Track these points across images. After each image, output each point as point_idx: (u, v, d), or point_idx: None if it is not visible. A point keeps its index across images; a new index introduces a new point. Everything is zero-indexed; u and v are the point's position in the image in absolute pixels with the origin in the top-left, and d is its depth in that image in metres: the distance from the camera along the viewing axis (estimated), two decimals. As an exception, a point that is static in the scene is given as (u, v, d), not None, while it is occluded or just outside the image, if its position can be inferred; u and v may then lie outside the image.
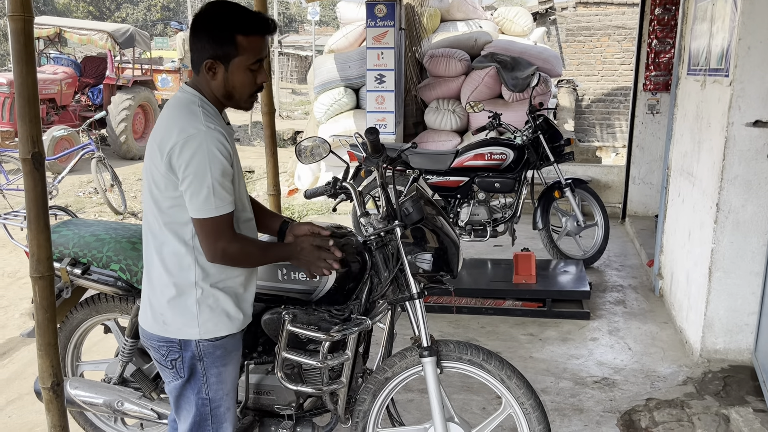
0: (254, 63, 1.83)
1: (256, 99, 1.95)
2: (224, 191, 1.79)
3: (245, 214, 2.01)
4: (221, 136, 1.78)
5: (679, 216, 4.33)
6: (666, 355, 3.81)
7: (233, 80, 1.84)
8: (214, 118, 1.84)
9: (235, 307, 1.99)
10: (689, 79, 4.25)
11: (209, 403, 2.00)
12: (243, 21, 1.80)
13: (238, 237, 1.89)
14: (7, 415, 3.42)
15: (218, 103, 1.91)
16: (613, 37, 12.81)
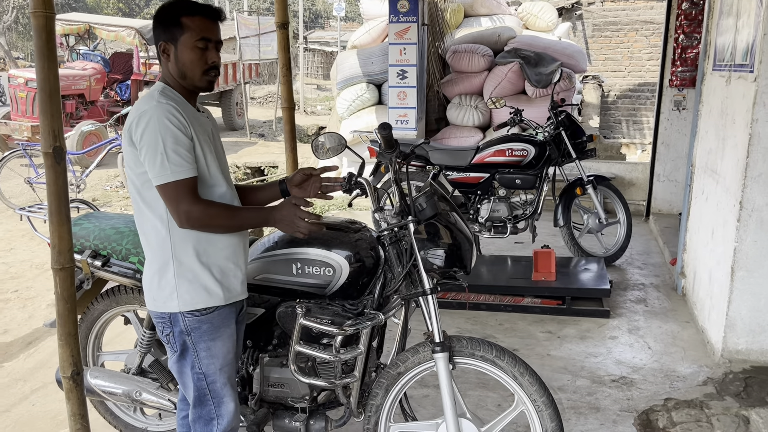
0: (199, 40, 1.98)
1: (213, 79, 2.06)
2: (179, 157, 1.91)
3: (218, 188, 2.07)
4: (173, 109, 1.92)
5: (703, 214, 4.26)
6: (686, 354, 3.76)
7: (182, 57, 1.99)
8: (172, 100, 1.97)
9: (214, 281, 2.06)
10: (714, 75, 4.17)
11: (204, 377, 2.10)
12: (187, 5, 2.00)
13: (200, 200, 1.97)
14: (31, 403, 3.50)
15: (182, 89, 2.05)
16: (640, 32, 12.62)
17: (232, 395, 2.17)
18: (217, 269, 2.07)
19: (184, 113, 1.97)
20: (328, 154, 2.52)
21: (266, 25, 15.14)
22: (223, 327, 2.11)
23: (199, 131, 2.01)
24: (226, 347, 2.13)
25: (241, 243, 2.15)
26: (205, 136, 2.05)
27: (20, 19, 34.31)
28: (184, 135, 1.92)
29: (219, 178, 2.07)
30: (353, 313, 2.36)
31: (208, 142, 2.06)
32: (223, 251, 2.07)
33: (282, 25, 3.98)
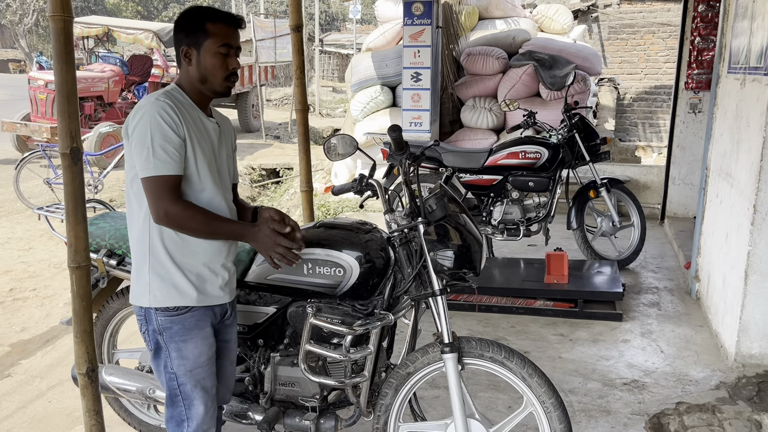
0: (222, 46, 2.03)
1: (233, 85, 2.11)
2: (164, 153, 1.94)
3: (205, 194, 2.07)
4: (167, 107, 1.95)
5: (717, 217, 4.23)
6: (699, 358, 3.74)
7: (205, 62, 2.03)
8: (174, 99, 2.01)
9: (187, 282, 2.06)
10: (729, 78, 4.15)
11: (175, 378, 2.11)
12: (211, 12, 2.06)
13: (182, 200, 1.99)
14: (48, 399, 3.56)
15: (198, 93, 2.09)
16: (657, 35, 12.54)
17: (203, 399, 2.14)
18: (191, 271, 2.08)
19: (184, 114, 2.00)
20: (339, 156, 2.55)
21: (282, 28, 15.25)
22: (196, 329, 2.10)
23: (197, 135, 2.04)
24: (198, 350, 2.11)
25: (222, 249, 2.14)
26: (206, 142, 2.08)
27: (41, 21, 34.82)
28: (175, 133, 1.95)
29: (208, 185, 2.07)
30: (363, 313, 2.38)
31: (208, 147, 2.08)
32: (199, 256, 2.08)
33: (296, 28, 4.02)
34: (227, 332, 2.28)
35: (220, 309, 2.19)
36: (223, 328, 2.25)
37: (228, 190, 2.21)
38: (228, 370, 2.35)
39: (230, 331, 2.30)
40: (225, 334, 2.28)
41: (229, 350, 2.32)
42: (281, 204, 9.25)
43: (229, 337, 2.30)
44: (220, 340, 2.26)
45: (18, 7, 33.82)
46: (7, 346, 4.38)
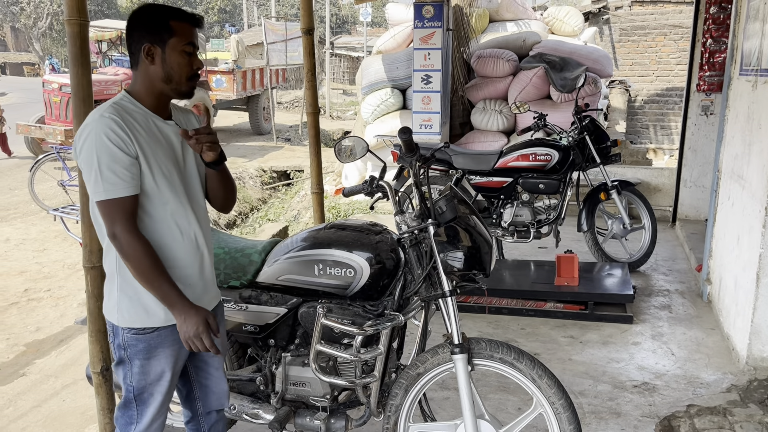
0: (187, 44, 1.96)
1: (195, 86, 2.03)
2: (113, 175, 1.84)
3: (168, 206, 1.96)
4: (114, 124, 1.84)
5: (729, 220, 4.22)
6: (711, 361, 3.73)
7: (170, 61, 1.94)
8: (123, 112, 1.89)
9: (155, 302, 1.96)
10: (741, 80, 4.14)
11: (133, 390, 2.04)
12: (173, 10, 1.98)
13: (133, 231, 1.88)
14: (62, 398, 3.61)
15: (157, 96, 1.98)
16: (669, 37, 12.48)
17: (155, 409, 2.07)
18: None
19: (134, 127, 1.89)
20: (350, 158, 2.57)
21: (293, 31, 15.31)
22: (161, 348, 2.01)
23: (152, 145, 1.93)
24: (161, 368, 2.03)
25: (194, 262, 2.05)
26: (164, 150, 1.97)
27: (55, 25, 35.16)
28: (123, 152, 1.84)
29: (171, 197, 1.96)
30: (373, 314, 2.40)
31: (168, 155, 1.98)
32: (174, 271, 1.98)
33: (307, 30, 4.05)
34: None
35: None
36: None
37: (197, 190, 2.09)
38: (214, 376, 2.25)
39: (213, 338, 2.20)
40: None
41: (214, 357, 2.22)
42: (292, 206, 9.29)
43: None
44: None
45: (32, 11, 34.18)
46: (22, 345, 4.44)
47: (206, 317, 1.95)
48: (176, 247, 2.00)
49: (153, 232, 1.96)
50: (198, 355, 2.18)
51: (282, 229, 6.81)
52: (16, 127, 10.52)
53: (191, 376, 2.25)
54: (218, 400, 2.31)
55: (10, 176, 10.42)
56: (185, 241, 2.01)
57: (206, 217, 2.14)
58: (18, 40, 43.71)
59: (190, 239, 2.02)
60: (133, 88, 1.99)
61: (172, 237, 1.99)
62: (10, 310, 5.09)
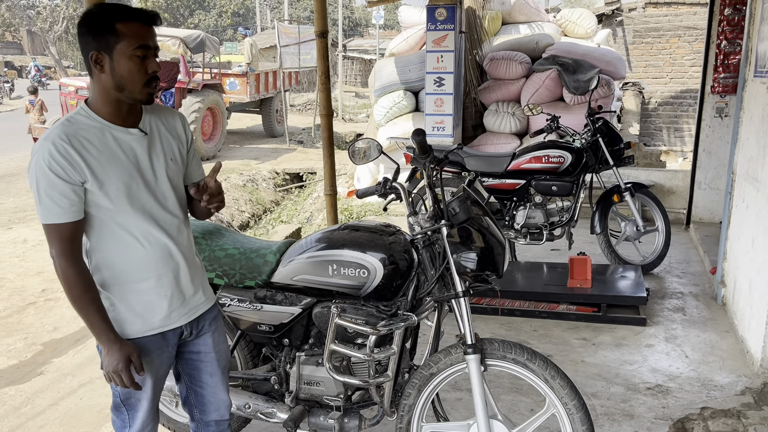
0: (137, 48, 1.81)
1: (154, 90, 1.90)
2: (51, 201, 1.79)
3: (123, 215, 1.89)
4: (54, 150, 1.77)
5: (743, 222, 4.20)
6: (725, 364, 3.71)
7: (119, 68, 1.81)
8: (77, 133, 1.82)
9: (132, 313, 1.95)
10: (756, 82, 4.12)
11: (118, 395, 2.03)
12: (120, 10, 1.83)
13: (70, 257, 1.83)
14: (79, 397, 3.66)
15: (114, 104, 1.88)
16: (683, 38, 12.42)
17: (148, 409, 2.05)
18: (137, 301, 1.96)
19: (84, 147, 1.81)
20: (364, 160, 2.59)
21: (306, 34, 15.38)
22: (143, 356, 1.95)
23: (103, 163, 1.83)
24: (142, 377, 1.97)
25: (166, 273, 1.98)
26: (121, 163, 1.87)
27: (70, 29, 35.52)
28: (61, 179, 1.77)
29: (126, 207, 1.88)
30: (387, 314, 2.42)
31: (126, 167, 1.88)
32: (145, 283, 1.95)
33: (321, 34, 4.09)
34: (196, 345, 2.14)
35: (173, 332, 2.04)
36: (187, 344, 2.13)
37: (168, 199, 1.99)
38: (209, 384, 2.20)
39: (200, 344, 2.14)
40: (194, 347, 2.14)
41: (204, 362, 2.16)
42: (305, 207, 9.34)
43: (199, 349, 2.15)
44: (189, 354, 2.15)
45: (48, 14, 34.56)
46: (40, 345, 4.50)
47: (129, 354, 1.88)
48: (142, 258, 1.93)
49: (114, 246, 1.91)
50: (189, 362, 2.16)
51: (295, 231, 6.85)
52: (32, 130, 10.65)
53: (187, 383, 2.22)
54: (216, 411, 2.25)
55: (27, 178, 10.54)
56: (153, 252, 1.94)
57: (182, 227, 2.04)
58: (34, 44, 44.22)
59: (159, 250, 1.95)
60: (91, 99, 1.90)
61: (135, 249, 1.92)
62: (27, 309, 5.16)
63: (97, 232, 1.90)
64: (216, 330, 2.19)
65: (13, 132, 15.43)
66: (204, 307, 2.13)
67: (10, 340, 4.59)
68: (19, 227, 7.66)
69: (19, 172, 10.96)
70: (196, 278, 2.09)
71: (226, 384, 2.26)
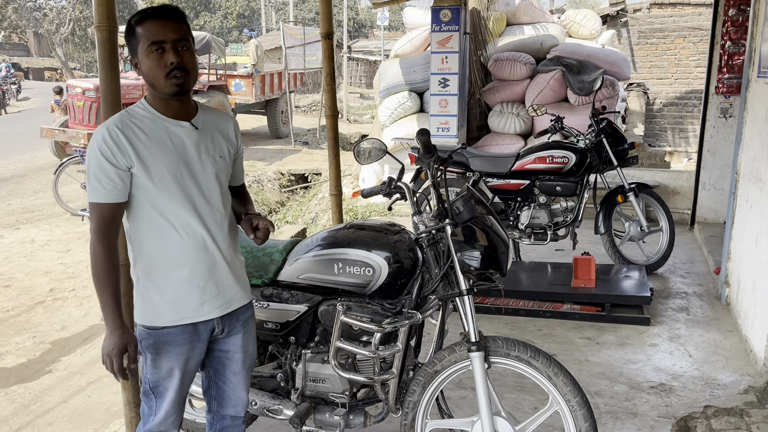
0: (151, 45, 1.91)
1: (180, 81, 1.95)
2: (96, 182, 1.92)
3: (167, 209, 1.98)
4: (107, 135, 1.91)
5: (747, 222, 4.21)
6: (728, 363, 3.73)
7: (144, 68, 1.94)
8: (131, 122, 1.95)
9: (163, 302, 2.03)
10: (759, 82, 4.14)
11: (148, 382, 2.11)
12: (139, 14, 1.96)
13: (101, 236, 1.93)
14: (87, 395, 3.70)
15: (161, 100, 2.00)
16: (688, 39, 12.41)
17: (168, 406, 2.12)
18: (169, 289, 2.03)
19: (134, 135, 1.93)
20: (369, 160, 2.62)
21: (311, 35, 15.44)
22: (171, 346, 2.05)
23: (153, 151, 1.95)
24: (171, 365, 2.07)
25: (201, 264, 2.05)
26: (170, 153, 1.98)
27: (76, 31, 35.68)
28: (109, 163, 1.90)
29: (170, 198, 1.98)
30: (392, 312, 2.45)
31: (172, 158, 1.98)
32: (178, 272, 2.02)
33: (327, 35, 4.12)
34: (226, 344, 2.20)
35: (206, 326, 2.10)
36: (217, 341, 2.19)
37: (213, 193, 2.07)
38: (231, 381, 2.26)
39: (230, 343, 2.20)
40: (223, 345, 2.20)
41: (231, 360, 2.23)
42: (310, 208, 9.37)
43: (228, 348, 2.20)
44: (218, 351, 2.21)
45: (55, 16, 34.72)
46: (48, 343, 4.55)
47: (127, 343, 1.95)
48: (177, 248, 2.00)
49: (152, 233, 1.99)
50: (217, 357, 2.22)
51: (300, 231, 6.88)
52: (40, 131, 10.72)
53: (210, 375, 2.28)
54: (234, 407, 2.31)
55: (35, 179, 10.63)
56: (189, 242, 2.01)
57: (223, 222, 2.10)
58: (41, 46, 44.44)
59: (195, 241, 2.02)
60: (148, 94, 2.05)
61: (172, 238, 1.99)
62: (36, 309, 5.21)
63: (138, 219, 2.00)
64: (247, 332, 2.25)
65: (20, 133, 15.54)
66: (239, 302, 2.18)
67: (19, 338, 4.64)
68: (27, 228, 7.73)
69: (27, 173, 11.04)
70: (233, 274, 2.15)
71: (247, 383, 2.32)
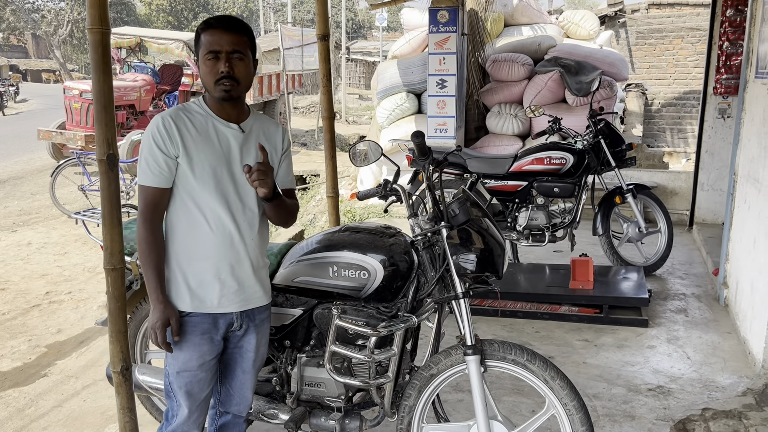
0: (208, 53, 2.06)
1: (228, 88, 2.07)
2: (146, 165, 2.07)
3: (202, 201, 2.09)
4: (162, 124, 2.06)
5: (745, 223, 4.20)
6: (727, 365, 3.71)
7: (201, 71, 2.12)
8: (182, 112, 2.11)
9: (186, 288, 2.13)
10: (757, 83, 4.12)
11: (168, 375, 2.21)
12: (206, 22, 2.12)
13: (148, 218, 2.09)
14: (82, 399, 3.68)
15: (214, 101, 2.15)
16: (686, 39, 12.41)
17: (187, 403, 2.19)
18: (193, 276, 2.13)
19: (186, 127, 2.08)
20: (364, 162, 2.61)
21: (309, 37, 15.41)
22: (190, 334, 2.13)
23: (200, 145, 2.08)
24: (189, 354, 2.14)
25: (224, 258, 2.14)
26: (215, 150, 2.10)
27: (75, 32, 35.67)
28: (159, 149, 2.04)
29: (206, 191, 2.09)
30: (387, 315, 2.43)
31: (215, 155, 2.10)
32: (203, 262, 2.12)
33: (323, 36, 4.11)
34: (241, 341, 2.26)
35: (224, 319, 2.18)
36: (233, 337, 2.24)
37: (249, 194, 2.16)
38: (239, 379, 2.31)
39: (244, 340, 2.26)
40: (238, 342, 2.26)
41: (243, 358, 2.28)
42: (308, 210, 9.35)
43: (242, 344, 2.26)
44: (232, 347, 2.26)
45: (53, 18, 34.70)
46: (44, 347, 4.53)
47: (169, 317, 2.08)
48: (205, 239, 2.12)
49: (185, 222, 2.12)
50: (230, 353, 2.27)
51: (298, 233, 6.87)
52: (38, 133, 10.70)
53: (220, 371, 2.31)
54: (237, 405, 2.36)
55: (32, 181, 10.61)
56: (217, 235, 2.12)
57: (254, 222, 2.20)
58: (39, 47, 44.43)
59: (224, 235, 2.12)
60: (205, 93, 2.19)
61: (202, 229, 2.11)
62: (32, 312, 5.18)
63: (175, 205, 2.12)
64: (261, 333, 2.31)
65: (18, 135, 15.52)
66: (259, 302, 2.26)
67: (14, 342, 4.61)
68: (24, 230, 7.70)
69: (24, 176, 11.02)
70: (255, 273, 2.23)
71: (254, 384, 2.38)
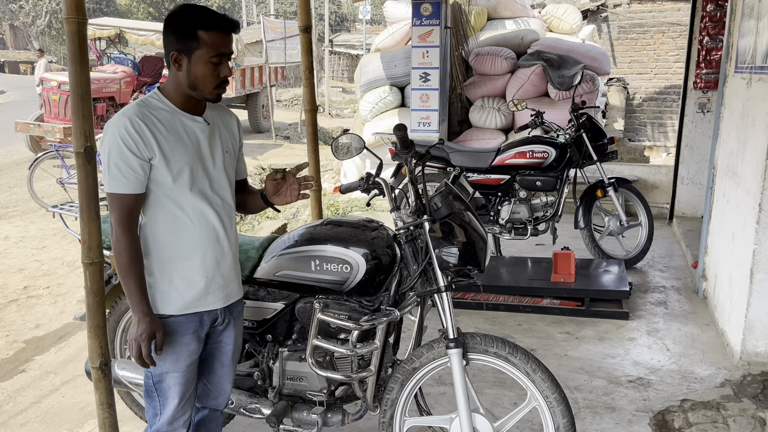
0: (214, 56, 1.97)
1: (223, 92, 2.05)
2: (118, 172, 1.93)
3: (184, 200, 2.02)
4: (129, 125, 1.92)
5: (724, 216, 4.25)
6: (705, 357, 3.76)
7: (195, 72, 1.98)
8: (146, 111, 1.97)
9: (172, 290, 2.06)
10: (736, 77, 4.16)
11: (151, 375, 2.13)
12: (205, 18, 1.96)
13: (125, 227, 1.95)
14: (61, 394, 3.63)
15: (185, 97, 2.04)
16: (667, 34, 12.50)
17: (176, 400, 2.14)
18: (180, 278, 2.06)
19: (154, 126, 1.96)
20: (347, 155, 2.59)
21: (292, 29, 15.32)
22: (177, 335, 2.08)
23: (172, 143, 1.98)
24: (176, 355, 2.09)
25: (211, 254, 2.10)
26: (186, 146, 2.02)
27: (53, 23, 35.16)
28: (132, 153, 1.91)
29: (186, 189, 2.02)
30: (370, 309, 2.42)
31: (189, 150, 2.03)
32: (190, 261, 2.06)
33: (305, 28, 4.07)
34: (221, 335, 2.24)
35: (209, 316, 2.15)
36: (215, 332, 2.22)
37: (223, 187, 2.13)
38: (218, 373, 2.29)
39: (225, 334, 2.24)
40: (218, 336, 2.24)
41: (221, 352, 2.26)
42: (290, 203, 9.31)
43: (221, 338, 2.24)
44: (212, 342, 2.24)
45: (31, 8, 34.17)
46: (22, 342, 4.47)
47: (155, 330, 1.99)
48: (191, 237, 2.06)
49: (165, 223, 2.03)
50: (209, 348, 2.24)
51: (281, 227, 6.84)
52: (15, 125, 10.53)
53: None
54: (215, 399, 2.34)
55: (9, 174, 10.44)
56: (201, 230, 2.07)
57: (232, 215, 2.19)
58: (17, 38, 43.68)
59: (208, 232, 2.08)
60: (165, 86, 2.06)
61: (185, 226, 2.05)
62: (9, 307, 5.11)
63: (152, 209, 2.03)
64: (238, 326, 2.30)
65: (-5, 127, 15.25)
66: (236, 297, 2.25)
67: (-8, 337, 4.55)
68: (1, 224, 7.58)
69: (1, 168, 10.84)
70: (234, 267, 2.22)
71: (232, 376, 2.35)
